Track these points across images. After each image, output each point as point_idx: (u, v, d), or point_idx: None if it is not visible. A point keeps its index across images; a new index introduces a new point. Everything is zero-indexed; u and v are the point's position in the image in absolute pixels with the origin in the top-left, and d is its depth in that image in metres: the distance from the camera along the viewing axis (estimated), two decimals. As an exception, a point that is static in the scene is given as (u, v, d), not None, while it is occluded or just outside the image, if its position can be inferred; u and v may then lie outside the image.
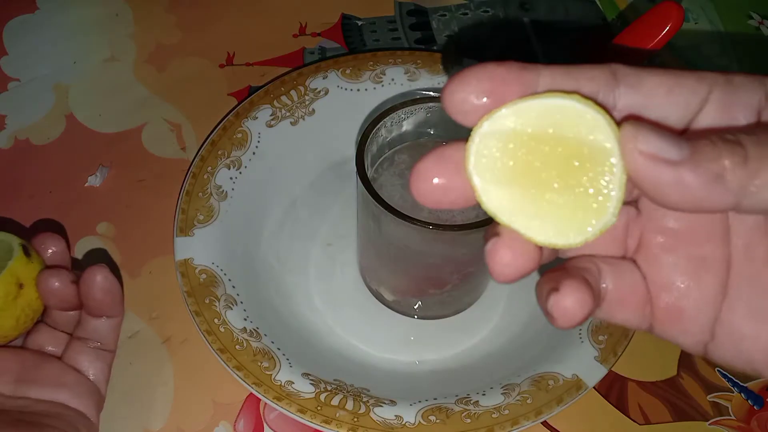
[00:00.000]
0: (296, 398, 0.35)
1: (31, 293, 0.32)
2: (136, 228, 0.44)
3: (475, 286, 0.41)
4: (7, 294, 0.30)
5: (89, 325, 0.33)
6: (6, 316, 0.31)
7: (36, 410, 0.30)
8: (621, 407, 0.38)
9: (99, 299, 0.32)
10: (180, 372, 0.39)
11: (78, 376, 0.32)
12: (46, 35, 0.54)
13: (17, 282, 0.31)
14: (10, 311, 0.31)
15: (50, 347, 0.33)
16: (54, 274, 0.32)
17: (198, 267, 0.39)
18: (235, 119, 0.45)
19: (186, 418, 0.37)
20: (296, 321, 0.40)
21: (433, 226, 0.31)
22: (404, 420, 0.34)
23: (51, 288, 0.32)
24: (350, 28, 0.55)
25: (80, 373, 0.33)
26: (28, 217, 0.44)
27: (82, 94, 0.51)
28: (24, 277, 0.31)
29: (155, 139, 0.48)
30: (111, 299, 0.32)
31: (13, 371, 0.31)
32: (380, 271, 0.40)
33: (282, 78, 0.47)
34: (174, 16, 0.56)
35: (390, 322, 0.41)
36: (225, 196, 0.42)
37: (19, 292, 0.31)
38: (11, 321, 0.31)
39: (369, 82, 0.47)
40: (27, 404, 0.31)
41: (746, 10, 0.59)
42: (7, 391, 0.31)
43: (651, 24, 0.27)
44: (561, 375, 0.36)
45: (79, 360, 0.33)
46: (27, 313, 0.32)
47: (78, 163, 0.47)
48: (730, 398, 0.39)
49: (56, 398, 0.31)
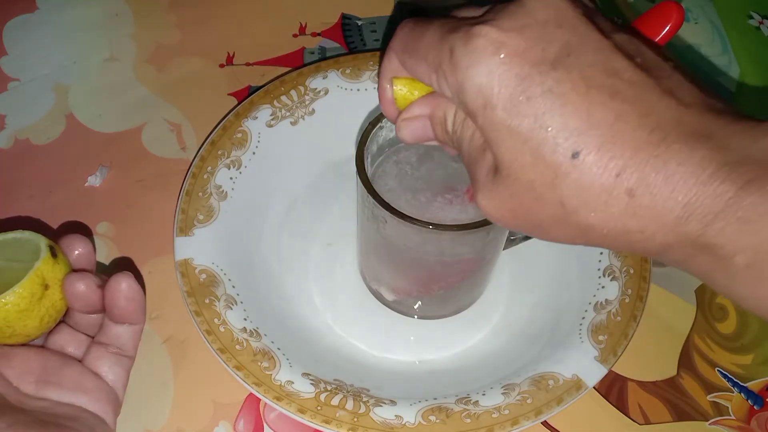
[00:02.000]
0: (296, 398, 0.35)
1: (56, 294, 0.32)
2: (136, 228, 0.44)
3: (476, 285, 0.41)
4: (32, 294, 0.31)
5: (111, 331, 0.34)
6: (30, 316, 0.31)
7: (56, 412, 0.31)
8: (621, 407, 0.38)
9: (122, 306, 0.32)
10: (180, 372, 0.39)
11: (98, 380, 0.33)
12: (46, 35, 0.54)
13: (43, 283, 0.31)
14: (35, 312, 0.31)
15: (71, 348, 0.34)
16: (80, 278, 0.32)
17: (198, 267, 0.39)
18: (235, 119, 0.45)
19: (186, 418, 0.37)
20: (296, 321, 0.40)
21: (433, 226, 0.31)
22: (404, 420, 0.34)
23: (77, 292, 0.32)
24: (350, 28, 0.55)
25: (100, 378, 0.33)
26: (28, 218, 0.44)
27: (82, 94, 0.51)
28: (50, 278, 0.31)
29: (155, 139, 0.48)
30: (134, 307, 0.33)
31: (35, 371, 0.32)
32: (380, 271, 0.40)
33: (282, 78, 0.47)
34: (174, 16, 0.56)
35: (390, 322, 0.41)
36: (225, 196, 0.42)
37: (44, 293, 0.31)
38: (35, 321, 0.31)
39: (369, 82, 0.47)
40: (48, 406, 0.31)
41: (746, 10, 0.59)
42: (29, 391, 0.31)
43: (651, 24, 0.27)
44: (561, 375, 0.36)
45: (99, 365, 0.33)
46: (51, 314, 0.32)
47: (78, 163, 0.47)
48: (730, 398, 0.39)
49: (76, 402, 0.32)
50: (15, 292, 0.30)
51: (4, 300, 0.30)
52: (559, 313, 0.40)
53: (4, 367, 0.31)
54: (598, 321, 0.38)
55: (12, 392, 0.30)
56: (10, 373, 0.31)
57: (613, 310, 0.38)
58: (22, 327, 0.31)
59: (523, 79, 0.22)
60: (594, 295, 0.39)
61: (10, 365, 0.31)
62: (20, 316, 0.30)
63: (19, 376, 0.31)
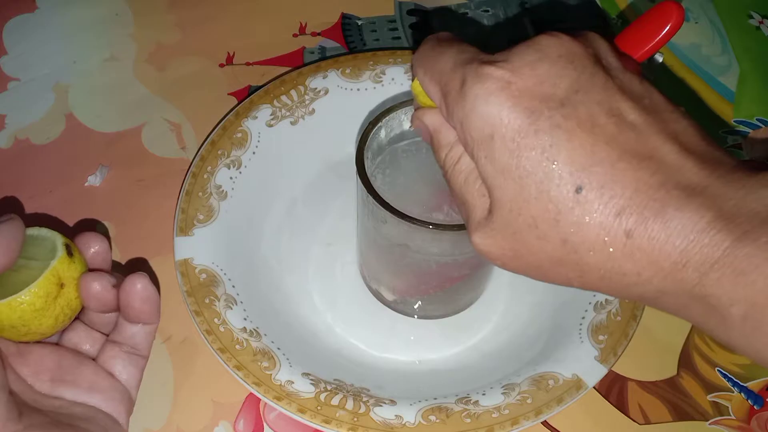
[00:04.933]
0: (296, 398, 0.35)
1: (71, 293, 0.32)
2: (136, 228, 0.44)
3: (475, 285, 0.41)
4: (48, 294, 0.31)
5: (126, 331, 0.34)
6: (46, 315, 0.31)
7: (71, 413, 0.31)
8: (621, 407, 0.38)
9: (137, 307, 0.33)
10: (180, 372, 0.39)
11: (112, 380, 0.33)
12: (46, 35, 0.54)
13: (59, 282, 0.31)
14: (50, 310, 0.31)
15: (86, 346, 0.34)
16: (96, 278, 0.32)
17: (198, 267, 0.39)
18: (235, 119, 0.45)
19: (186, 418, 0.37)
20: (296, 321, 0.40)
21: (433, 226, 0.31)
22: (404, 420, 0.34)
23: (92, 291, 0.32)
24: (350, 28, 0.55)
25: (114, 378, 0.33)
26: (28, 217, 0.44)
27: (82, 94, 0.51)
28: (65, 277, 0.31)
29: (155, 138, 0.48)
30: (149, 307, 0.33)
31: (50, 370, 0.32)
32: (380, 271, 0.40)
33: (282, 78, 0.47)
34: (174, 16, 0.56)
35: (390, 322, 0.41)
36: (225, 196, 0.42)
37: (59, 292, 0.31)
38: (50, 320, 0.31)
39: (369, 81, 0.47)
40: (62, 405, 0.31)
41: (746, 9, 0.59)
42: (44, 389, 0.31)
43: (651, 23, 0.27)
44: (561, 375, 0.36)
45: (113, 364, 0.33)
46: (66, 313, 0.32)
47: (78, 162, 0.47)
48: (730, 398, 0.39)
49: (90, 401, 0.32)
50: (31, 291, 0.30)
51: (20, 299, 0.30)
52: (559, 313, 0.40)
53: (19, 364, 0.31)
54: (598, 321, 0.38)
55: (27, 391, 0.30)
56: (25, 371, 0.31)
57: (613, 309, 0.38)
58: (37, 325, 0.31)
59: (533, 112, 0.23)
60: (594, 295, 0.39)
61: (26, 363, 0.31)
62: (36, 314, 0.30)
63: (34, 374, 0.31)
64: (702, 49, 0.56)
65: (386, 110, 0.35)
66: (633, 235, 0.22)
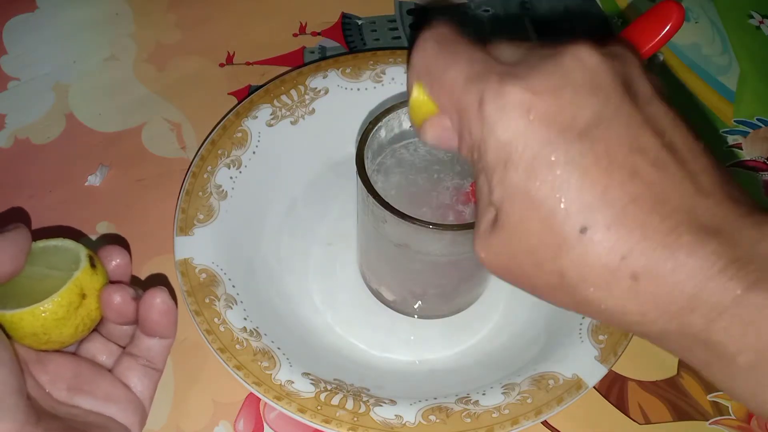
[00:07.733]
0: (296, 398, 0.35)
1: (92, 303, 0.33)
2: (136, 227, 0.44)
3: (475, 285, 0.41)
4: (70, 304, 0.31)
5: (143, 344, 0.34)
6: (67, 324, 0.32)
7: (87, 421, 0.31)
8: (621, 407, 0.38)
9: (155, 320, 0.33)
10: (180, 371, 0.39)
11: (128, 392, 0.33)
12: (46, 34, 0.54)
13: (81, 293, 0.32)
14: (71, 320, 0.32)
15: (102, 357, 0.34)
16: (117, 290, 0.33)
17: (198, 266, 0.39)
18: (235, 118, 0.45)
19: (186, 418, 0.37)
20: (296, 320, 0.40)
21: (433, 226, 0.31)
22: (404, 419, 0.34)
23: (113, 303, 0.33)
24: (350, 28, 0.55)
25: (129, 390, 0.33)
26: (28, 217, 0.44)
27: (82, 94, 0.51)
28: (87, 288, 0.32)
29: (155, 138, 0.48)
30: (167, 321, 0.33)
31: (67, 378, 0.32)
32: (380, 271, 0.40)
33: (282, 77, 0.47)
34: (174, 15, 0.56)
35: (390, 322, 0.41)
36: (225, 196, 0.42)
37: (81, 303, 0.32)
38: (71, 329, 0.32)
39: (369, 81, 0.47)
40: (78, 414, 0.31)
41: (746, 9, 0.59)
42: (61, 397, 0.31)
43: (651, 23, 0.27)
44: (561, 374, 0.36)
45: (128, 376, 0.34)
46: (86, 323, 0.33)
47: (78, 162, 0.47)
48: (730, 398, 0.39)
49: (106, 411, 0.32)
50: (53, 300, 0.31)
51: (43, 308, 0.31)
52: (559, 313, 0.40)
53: (38, 372, 0.31)
54: (599, 321, 0.38)
55: (45, 398, 0.31)
56: (44, 379, 0.31)
57: (613, 309, 0.38)
58: (57, 334, 0.32)
59: (549, 143, 0.22)
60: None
61: (45, 371, 0.32)
62: (57, 324, 0.31)
63: (52, 382, 0.32)
64: (702, 49, 0.56)
65: (386, 110, 0.35)
66: (639, 278, 0.21)
